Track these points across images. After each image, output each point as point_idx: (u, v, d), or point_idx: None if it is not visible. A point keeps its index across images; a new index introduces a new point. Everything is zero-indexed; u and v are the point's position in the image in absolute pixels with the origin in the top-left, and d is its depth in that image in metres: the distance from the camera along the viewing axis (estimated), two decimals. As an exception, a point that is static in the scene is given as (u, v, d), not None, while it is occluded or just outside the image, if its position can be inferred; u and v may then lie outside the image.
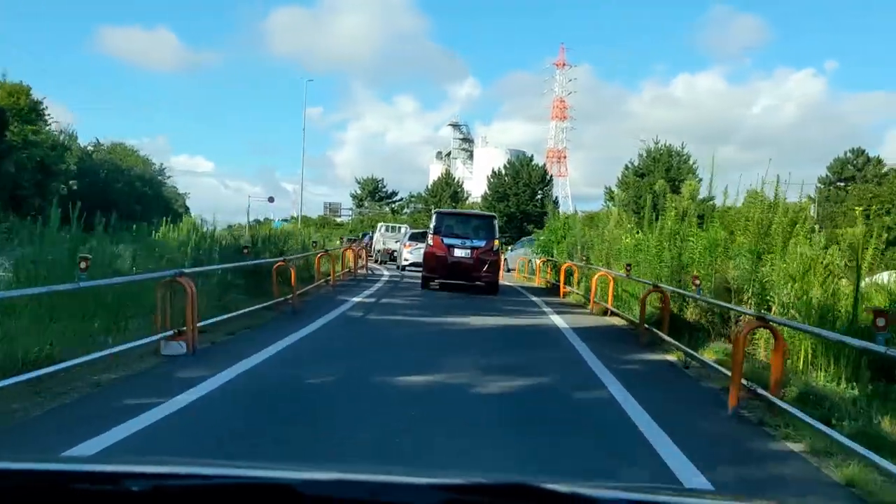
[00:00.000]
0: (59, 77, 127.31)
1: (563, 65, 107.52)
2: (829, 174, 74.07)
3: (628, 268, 12.49)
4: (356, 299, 14.50)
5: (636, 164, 50.31)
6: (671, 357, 9.74)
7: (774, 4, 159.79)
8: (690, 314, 12.32)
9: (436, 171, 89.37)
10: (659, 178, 48.09)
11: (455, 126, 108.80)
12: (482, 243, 18.41)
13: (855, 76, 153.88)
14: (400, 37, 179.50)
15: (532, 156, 64.54)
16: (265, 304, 11.73)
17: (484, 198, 63.40)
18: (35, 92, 50.42)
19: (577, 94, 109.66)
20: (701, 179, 49.72)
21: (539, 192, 61.52)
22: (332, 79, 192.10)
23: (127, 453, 4.64)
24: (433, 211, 22.61)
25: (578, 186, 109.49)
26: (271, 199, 74.68)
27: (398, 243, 30.98)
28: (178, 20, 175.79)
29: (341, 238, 27.15)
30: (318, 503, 1.19)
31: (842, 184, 74.31)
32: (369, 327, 11.17)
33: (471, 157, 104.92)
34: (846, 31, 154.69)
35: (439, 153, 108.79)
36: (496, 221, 19.99)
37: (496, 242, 18.86)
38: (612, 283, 14.19)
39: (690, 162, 49.25)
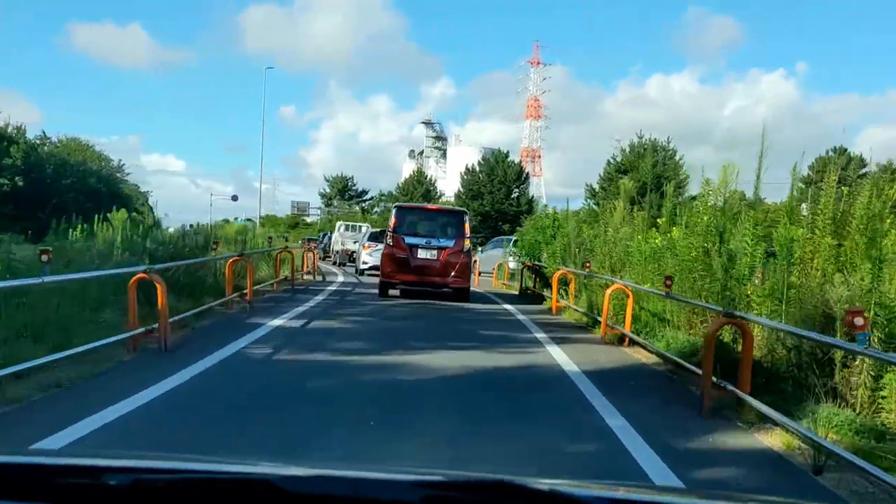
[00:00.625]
0: (28, 74, 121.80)
1: (538, 63, 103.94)
2: (811, 174, 71.07)
3: (669, 282, 8.35)
4: (276, 323, 10.19)
5: (619, 159, 46.48)
6: (772, 441, 5.59)
7: (748, 7, 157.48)
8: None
9: (408, 171, 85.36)
10: (645, 173, 44.30)
11: (428, 124, 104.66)
12: (451, 243, 15.31)
13: (827, 78, 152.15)
14: (375, 36, 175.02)
15: (507, 152, 60.48)
16: (127, 335, 7.48)
17: (457, 196, 59.29)
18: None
19: (551, 92, 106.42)
20: (688, 178, 45.97)
21: (515, 189, 57.52)
22: (306, 77, 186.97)
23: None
24: (393, 205, 18.39)
25: (552, 187, 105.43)
26: (235, 198, 69.77)
27: (357, 244, 26.78)
28: (151, 18, 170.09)
29: (268, 238, 22.69)
30: (298, 499, 1.16)
31: (820, 183, 71.30)
32: (269, 379, 6.85)
33: (444, 155, 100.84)
34: (819, 33, 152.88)
35: (412, 152, 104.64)
36: (467, 218, 16.37)
37: (467, 242, 15.65)
38: (630, 301, 10.06)
39: (677, 157, 45.54)
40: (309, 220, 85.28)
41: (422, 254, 15.24)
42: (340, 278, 21.48)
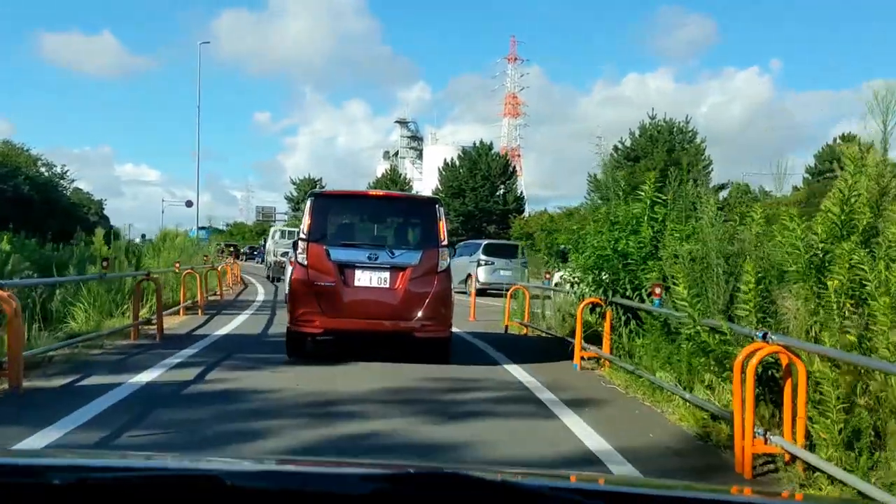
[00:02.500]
0: None
1: (515, 59, 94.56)
2: (817, 163, 62.49)
3: None
4: None
5: (628, 144, 37.10)
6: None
7: (721, 3, 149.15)
8: None
9: (382, 172, 76.06)
10: (659, 160, 34.97)
11: (403, 123, 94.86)
12: (415, 257, 7.92)
13: (800, 74, 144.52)
14: (349, 40, 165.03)
15: (491, 142, 50.96)
16: None
17: (435, 194, 49.66)
18: None
19: (528, 89, 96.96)
20: (710, 165, 36.64)
21: (501, 186, 47.99)
22: (280, 84, 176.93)
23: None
24: (308, 193, 9.06)
25: (530, 188, 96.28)
26: (189, 204, 59.17)
27: (288, 256, 17.31)
28: (121, 26, 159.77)
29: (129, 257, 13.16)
30: (247, 494, 1.07)
31: (831, 174, 62.86)
32: None
33: (420, 156, 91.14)
34: (791, 29, 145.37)
35: (386, 153, 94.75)
36: (441, 210, 8.36)
37: (444, 253, 8.05)
38: None
39: (698, 140, 36.30)
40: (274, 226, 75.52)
41: (362, 278, 7.79)
42: (239, 319, 11.84)
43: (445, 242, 8.02)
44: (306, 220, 8.00)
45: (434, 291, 7.70)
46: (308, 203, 8.25)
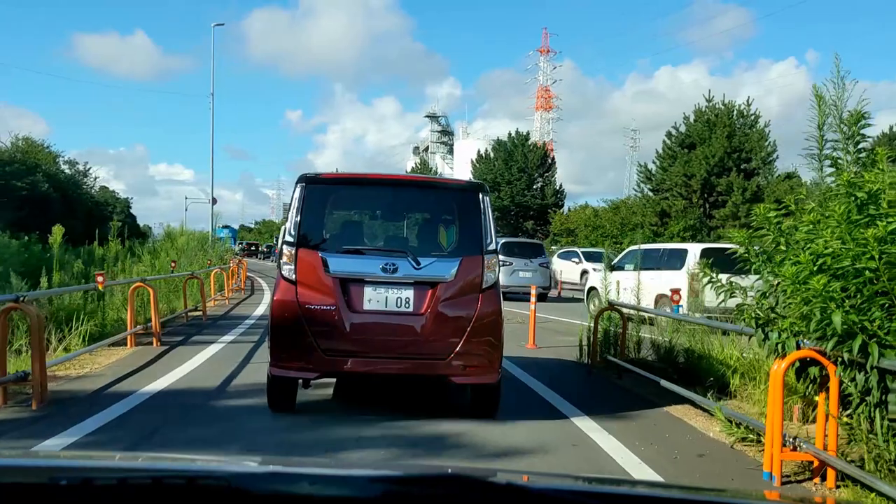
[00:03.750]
0: (34, 88, 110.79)
1: (547, 51, 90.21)
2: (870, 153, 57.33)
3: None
4: None
5: (682, 130, 32.79)
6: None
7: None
8: None
9: (411, 167, 72.63)
10: (718, 146, 30.76)
11: (433, 117, 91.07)
12: (449, 267, 5.28)
13: (834, 66, 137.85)
14: (380, 38, 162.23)
15: (528, 132, 46.97)
16: None
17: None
18: None
19: (560, 83, 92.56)
20: (775, 152, 32.28)
21: (538, 179, 43.97)
22: (312, 82, 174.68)
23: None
24: (299, 177, 5.62)
25: (563, 183, 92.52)
26: (214, 201, 56.47)
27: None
28: (154, 27, 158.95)
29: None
30: (255, 497, 1.02)
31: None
32: None
33: (450, 151, 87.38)
34: (828, 21, 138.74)
35: (416, 148, 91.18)
36: (487, 201, 5.49)
37: (492, 263, 5.37)
38: None
39: (760, 124, 31.92)
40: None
41: (374, 299, 5.24)
42: (207, 352, 8.18)
43: (493, 246, 5.47)
44: (294, 217, 5.46)
45: (477, 316, 5.29)
46: (296, 192, 5.54)
